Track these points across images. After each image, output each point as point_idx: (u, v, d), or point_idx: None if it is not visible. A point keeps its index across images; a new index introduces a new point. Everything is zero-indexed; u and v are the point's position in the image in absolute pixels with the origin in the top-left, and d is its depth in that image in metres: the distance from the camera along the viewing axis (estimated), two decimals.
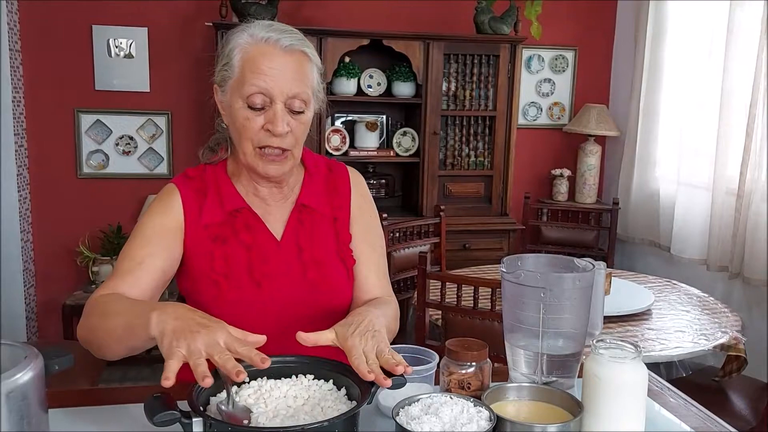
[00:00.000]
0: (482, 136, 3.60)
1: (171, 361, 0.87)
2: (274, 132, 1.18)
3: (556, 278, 1.04)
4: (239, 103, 1.19)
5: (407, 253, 2.86)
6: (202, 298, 1.25)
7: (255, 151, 1.21)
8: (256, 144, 1.20)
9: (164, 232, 1.23)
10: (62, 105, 3.44)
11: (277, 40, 1.19)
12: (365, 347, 0.99)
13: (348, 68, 3.38)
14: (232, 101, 1.21)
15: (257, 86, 1.17)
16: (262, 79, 1.17)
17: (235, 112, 1.20)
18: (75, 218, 3.51)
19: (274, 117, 1.17)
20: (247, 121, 1.19)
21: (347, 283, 1.32)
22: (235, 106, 1.20)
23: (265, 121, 1.18)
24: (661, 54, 3.54)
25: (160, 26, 3.48)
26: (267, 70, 1.17)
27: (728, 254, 3.00)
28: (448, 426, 0.90)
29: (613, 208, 3.52)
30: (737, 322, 2.22)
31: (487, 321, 1.92)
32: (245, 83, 1.18)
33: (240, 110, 1.19)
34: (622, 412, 0.94)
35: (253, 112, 1.18)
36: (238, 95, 1.19)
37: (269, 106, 1.18)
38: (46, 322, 3.56)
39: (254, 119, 1.18)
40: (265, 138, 1.19)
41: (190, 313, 0.96)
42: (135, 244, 1.22)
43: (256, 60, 1.18)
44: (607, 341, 0.97)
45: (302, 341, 1.02)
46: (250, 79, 1.17)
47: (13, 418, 0.77)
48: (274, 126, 1.17)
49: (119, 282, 1.17)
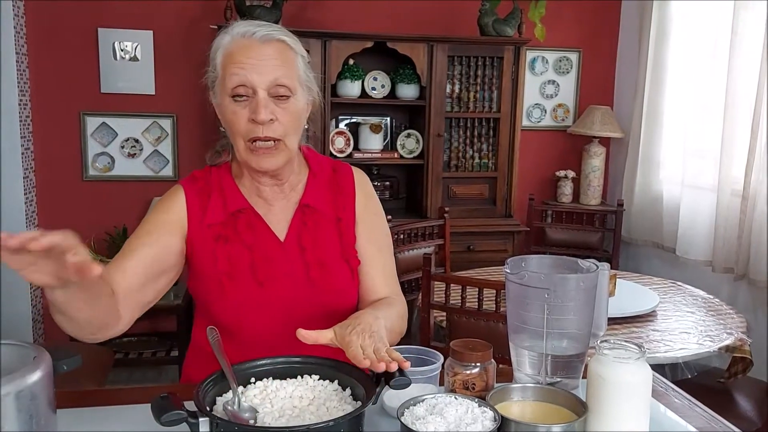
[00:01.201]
0: (486, 137, 3.60)
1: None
2: (257, 119, 1.18)
3: (561, 279, 1.05)
4: (226, 100, 1.21)
5: (412, 254, 2.86)
6: (206, 297, 1.27)
7: (246, 145, 1.22)
8: (246, 137, 1.21)
9: (164, 226, 1.26)
10: (68, 108, 3.45)
11: (253, 33, 1.21)
12: (362, 343, 1.00)
13: (352, 70, 3.39)
14: (221, 100, 1.23)
15: (237, 77, 1.19)
16: (240, 71, 1.19)
17: (224, 109, 1.22)
18: (81, 221, 3.52)
19: (257, 106, 1.19)
20: (234, 115, 1.20)
21: (351, 283, 1.32)
22: (224, 104, 1.22)
23: (250, 112, 1.19)
24: (665, 55, 3.53)
25: (166, 29, 3.50)
26: (245, 60, 1.19)
27: (733, 256, 2.99)
28: (452, 426, 0.91)
29: (618, 209, 3.52)
30: (742, 324, 2.21)
31: (492, 322, 1.92)
32: (226, 78, 1.20)
33: (228, 106, 1.21)
34: (626, 412, 0.94)
35: (238, 104, 1.20)
36: (224, 92, 1.21)
37: (252, 96, 1.20)
38: (52, 324, 3.56)
39: (240, 112, 1.20)
40: (252, 129, 1.20)
41: None
42: (134, 237, 1.25)
43: (234, 54, 1.20)
44: (612, 342, 0.98)
45: (302, 338, 1.03)
46: (230, 72, 1.19)
47: (22, 417, 0.77)
48: (257, 114, 1.18)
49: (109, 266, 1.18)
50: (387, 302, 1.30)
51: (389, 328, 1.15)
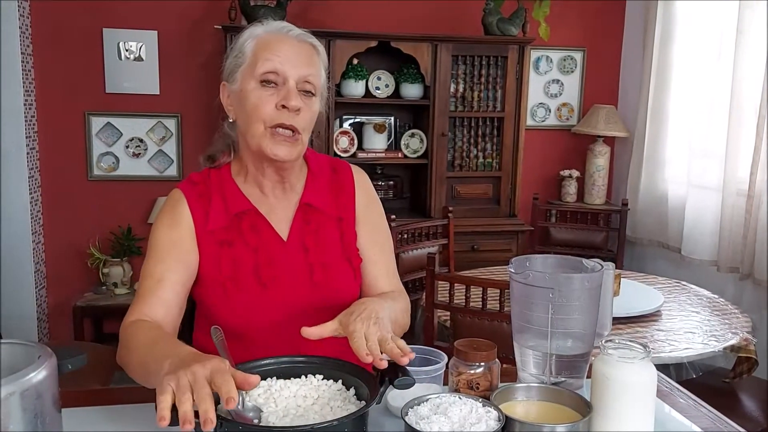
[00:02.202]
0: (490, 137, 3.59)
1: (162, 396, 0.81)
2: (288, 106, 1.19)
3: (565, 279, 1.05)
4: (252, 84, 1.21)
5: (415, 254, 2.86)
6: (210, 302, 1.26)
7: (266, 131, 1.21)
8: (269, 123, 1.20)
9: (177, 244, 1.24)
10: (73, 108, 3.46)
11: (289, 30, 1.25)
12: (367, 331, 1.00)
13: (356, 70, 3.39)
14: (244, 85, 1.23)
15: (271, 62, 1.20)
16: (276, 58, 1.21)
17: (247, 94, 1.22)
18: (85, 220, 3.53)
19: (288, 93, 1.20)
20: (259, 100, 1.21)
21: (354, 283, 1.33)
22: (248, 88, 1.22)
23: (279, 98, 1.20)
24: (670, 54, 3.52)
25: (170, 29, 3.50)
26: (281, 50, 1.22)
27: (739, 255, 2.98)
28: (456, 426, 0.91)
29: (622, 209, 3.51)
30: (748, 324, 2.20)
31: (496, 322, 1.92)
32: (258, 62, 1.21)
33: (253, 91, 1.21)
34: (631, 412, 0.94)
35: (266, 91, 1.21)
36: (251, 77, 1.21)
37: (282, 85, 1.21)
38: (57, 324, 3.58)
39: (267, 98, 1.21)
40: (278, 116, 1.20)
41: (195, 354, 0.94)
42: (151, 261, 1.23)
43: (270, 43, 1.23)
44: (616, 341, 0.97)
45: (307, 336, 1.03)
46: (264, 57, 1.21)
47: (27, 417, 0.77)
48: (289, 100, 1.19)
49: (144, 305, 1.18)
50: (391, 295, 1.30)
51: (393, 319, 1.15)
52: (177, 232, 1.25)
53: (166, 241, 1.24)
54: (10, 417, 0.75)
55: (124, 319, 1.18)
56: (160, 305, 1.18)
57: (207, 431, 0.78)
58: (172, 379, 0.83)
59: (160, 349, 0.98)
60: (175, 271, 1.22)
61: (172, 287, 1.21)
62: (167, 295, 1.20)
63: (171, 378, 0.83)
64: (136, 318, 1.16)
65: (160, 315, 1.17)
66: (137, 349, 1.06)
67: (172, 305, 1.20)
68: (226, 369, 0.85)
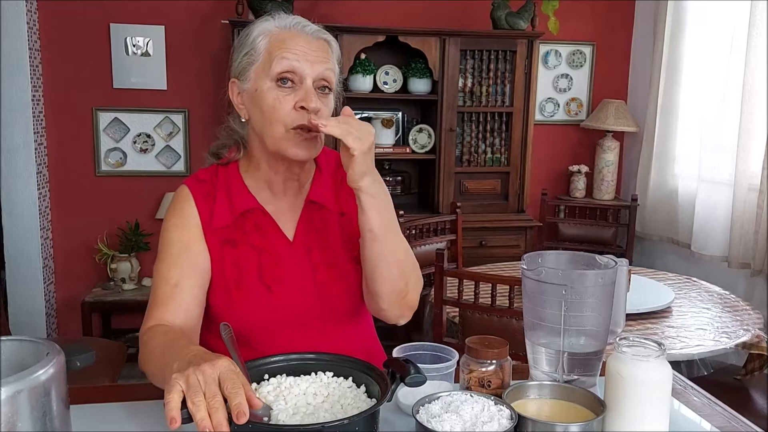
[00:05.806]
0: (499, 132, 3.57)
1: (170, 395, 0.81)
2: (308, 106, 1.15)
3: (579, 275, 1.03)
4: (267, 84, 1.17)
5: (424, 250, 2.85)
6: (213, 303, 1.25)
7: (286, 133, 1.17)
8: (290, 125, 1.17)
9: (188, 247, 1.22)
10: (80, 103, 3.46)
11: (304, 26, 1.22)
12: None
13: (364, 65, 3.37)
14: (258, 84, 1.19)
15: (288, 61, 1.16)
16: (292, 56, 1.17)
17: (263, 95, 1.18)
18: (93, 216, 3.54)
19: (306, 94, 1.16)
20: (277, 101, 1.17)
21: (357, 282, 1.31)
22: (263, 88, 1.18)
23: (297, 98, 1.17)
24: (680, 48, 3.49)
25: (177, 24, 3.50)
26: (297, 48, 1.18)
27: (750, 251, 2.95)
28: (468, 424, 0.89)
29: (632, 204, 3.48)
30: (759, 320, 2.18)
31: (505, 318, 1.90)
32: (273, 62, 1.17)
33: (269, 91, 1.17)
34: (646, 411, 0.92)
35: (282, 91, 1.17)
36: (266, 76, 1.17)
37: (299, 85, 1.17)
38: (65, 319, 3.59)
39: (284, 99, 1.16)
40: (298, 117, 1.16)
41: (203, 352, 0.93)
42: (164, 265, 1.21)
43: (285, 40, 1.19)
44: (631, 339, 0.96)
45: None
46: (279, 56, 1.17)
47: (35, 414, 0.77)
48: (308, 101, 1.16)
49: (162, 311, 1.16)
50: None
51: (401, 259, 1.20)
52: (187, 233, 1.23)
53: (178, 243, 1.22)
54: (18, 415, 0.75)
55: (141, 326, 1.17)
56: (180, 311, 1.17)
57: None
58: (180, 378, 0.82)
59: (174, 352, 0.98)
60: (190, 276, 1.20)
61: (190, 291, 1.19)
62: (185, 300, 1.18)
63: (180, 377, 0.82)
64: (154, 323, 1.15)
65: (180, 320, 1.16)
66: (152, 355, 1.06)
67: (191, 309, 1.19)
68: (236, 373, 0.84)
